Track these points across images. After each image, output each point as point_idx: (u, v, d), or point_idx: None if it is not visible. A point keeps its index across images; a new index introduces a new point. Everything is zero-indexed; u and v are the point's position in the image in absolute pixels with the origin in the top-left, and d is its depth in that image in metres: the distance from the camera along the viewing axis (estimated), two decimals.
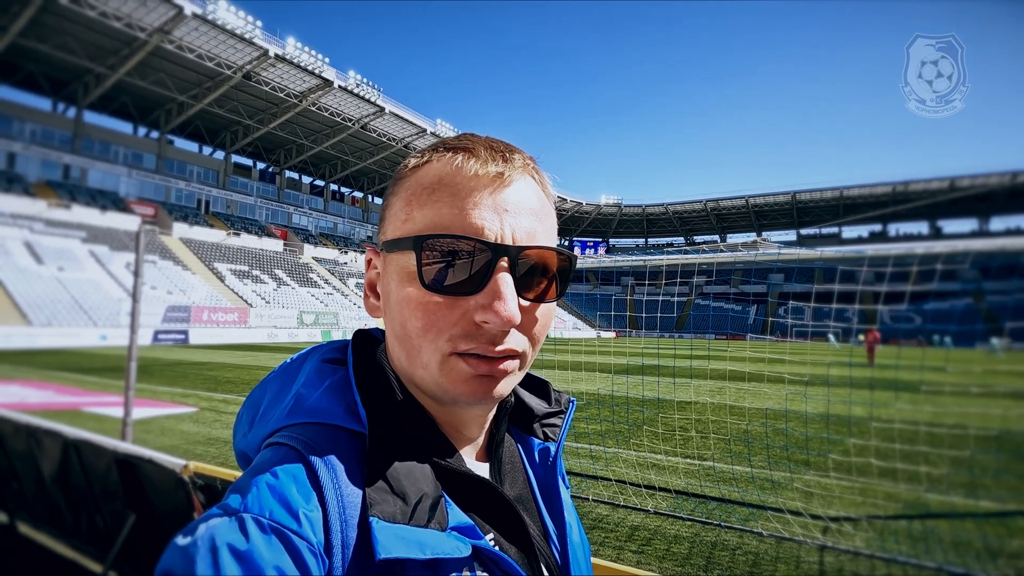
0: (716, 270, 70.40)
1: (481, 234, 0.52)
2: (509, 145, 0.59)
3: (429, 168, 0.56)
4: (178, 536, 0.43)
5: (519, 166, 0.57)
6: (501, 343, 0.53)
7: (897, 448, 5.39)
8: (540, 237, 0.56)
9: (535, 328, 0.57)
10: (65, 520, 3.09)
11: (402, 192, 0.58)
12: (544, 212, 0.58)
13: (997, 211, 60.65)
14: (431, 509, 0.50)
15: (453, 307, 0.52)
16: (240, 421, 0.64)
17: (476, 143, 0.57)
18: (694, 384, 13.54)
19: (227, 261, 41.79)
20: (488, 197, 0.54)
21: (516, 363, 0.56)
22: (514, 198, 0.55)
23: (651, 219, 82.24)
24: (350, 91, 42.32)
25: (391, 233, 0.57)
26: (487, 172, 0.54)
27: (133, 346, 5.10)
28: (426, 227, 0.53)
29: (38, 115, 38.91)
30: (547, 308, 0.58)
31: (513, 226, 0.54)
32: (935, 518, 4.88)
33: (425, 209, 0.54)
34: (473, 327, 0.52)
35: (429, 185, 0.55)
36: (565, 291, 0.58)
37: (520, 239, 0.54)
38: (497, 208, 0.54)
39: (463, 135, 0.59)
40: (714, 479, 5.78)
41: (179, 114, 43.45)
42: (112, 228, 36.81)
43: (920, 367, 5.44)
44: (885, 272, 5.28)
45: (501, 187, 0.54)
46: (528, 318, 0.56)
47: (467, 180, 0.54)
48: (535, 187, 0.58)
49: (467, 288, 0.52)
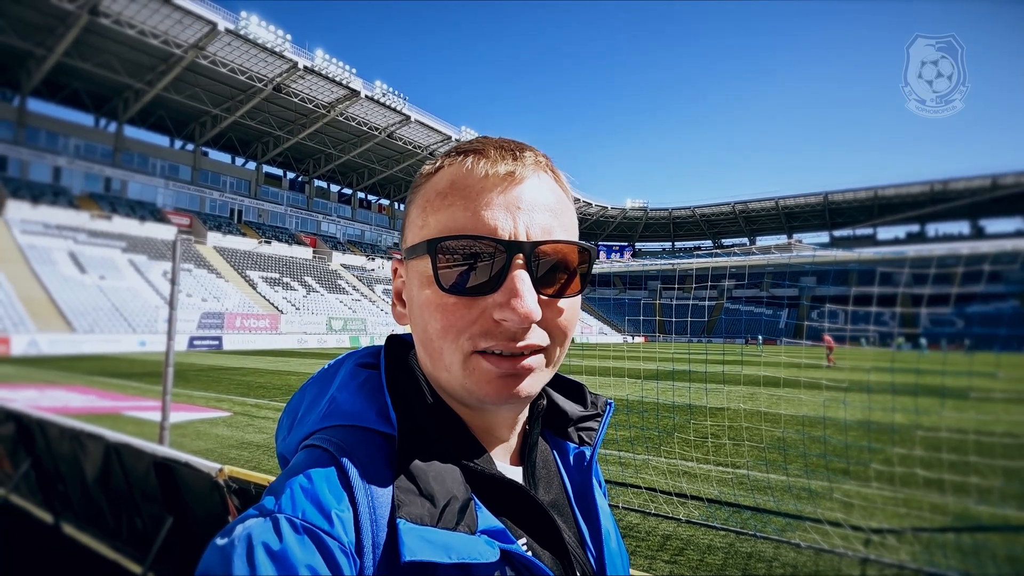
0: (747, 273, 68.98)
1: (495, 233, 0.52)
2: (520, 143, 0.59)
3: (442, 174, 0.57)
4: (217, 537, 0.45)
5: (530, 163, 0.57)
6: (522, 339, 0.53)
7: (944, 457, 5.16)
8: (557, 232, 0.55)
9: (558, 323, 0.56)
10: (107, 521, 3.17)
11: (418, 200, 0.58)
12: (560, 208, 0.57)
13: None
14: (460, 512, 0.50)
15: (471, 307, 0.53)
16: (281, 425, 0.66)
17: (486, 144, 0.57)
18: (726, 390, 13.26)
19: (259, 269, 42.83)
20: (500, 196, 0.54)
21: (540, 359, 0.55)
22: (527, 195, 0.55)
23: (677, 222, 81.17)
24: (376, 100, 43.05)
25: (410, 240, 0.58)
26: (497, 172, 0.54)
27: (170, 352, 5.24)
28: (441, 231, 0.54)
29: (81, 130, 40.64)
30: (570, 303, 0.57)
31: (527, 223, 0.53)
32: (987, 531, 4.64)
33: (439, 214, 0.55)
34: (492, 325, 0.53)
35: (442, 190, 0.56)
36: (586, 285, 0.58)
37: (535, 235, 0.53)
38: (509, 206, 0.54)
39: (475, 138, 0.60)
40: (748, 488, 5.63)
41: (213, 126, 44.86)
42: (150, 238, 38.15)
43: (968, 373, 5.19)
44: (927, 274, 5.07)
45: (513, 185, 0.54)
46: (550, 313, 0.55)
47: (478, 181, 0.54)
48: (549, 183, 0.58)
49: (485, 288, 0.52)
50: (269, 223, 53.00)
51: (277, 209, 54.04)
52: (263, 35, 34.79)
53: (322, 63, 38.69)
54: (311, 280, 45.49)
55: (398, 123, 46.85)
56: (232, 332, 31.58)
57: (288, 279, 43.53)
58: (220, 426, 8.40)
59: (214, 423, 8.64)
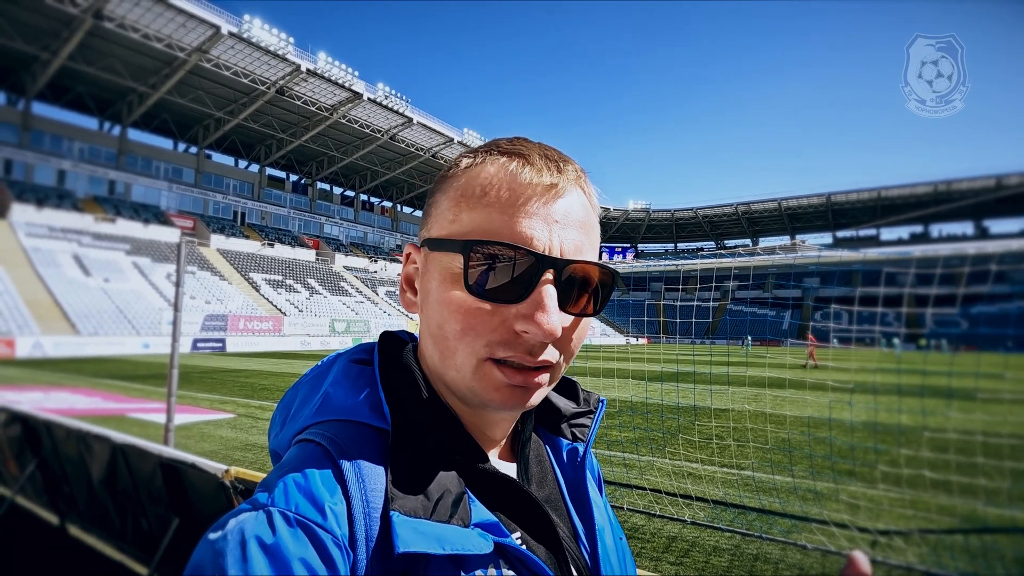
0: (751, 275, 68.80)
1: (530, 244, 0.52)
2: (563, 155, 0.59)
3: (482, 170, 0.56)
4: (210, 531, 0.45)
5: (572, 178, 0.56)
6: (539, 354, 0.53)
7: (951, 459, 5.13)
8: (586, 251, 0.56)
9: (571, 342, 0.56)
10: (112, 523, 3.17)
11: (451, 192, 0.57)
12: (590, 226, 0.57)
13: None
14: (454, 505, 0.50)
15: (494, 314, 0.52)
16: (274, 422, 0.66)
17: (531, 150, 0.56)
18: (730, 391, 13.21)
19: (262, 271, 42.91)
20: (541, 207, 0.53)
21: (548, 375, 0.55)
22: (564, 210, 0.54)
23: (680, 224, 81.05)
24: (379, 103, 43.15)
25: (436, 231, 0.57)
26: (541, 182, 0.54)
27: (174, 354, 5.25)
28: (474, 230, 0.53)
29: (86, 134, 40.83)
30: (585, 322, 0.58)
31: (562, 238, 0.53)
32: (995, 533, 4.61)
33: (475, 212, 0.54)
34: (512, 335, 0.52)
35: (482, 188, 0.54)
36: (603, 307, 0.57)
37: (568, 252, 0.53)
38: (548, 219, 0.53)
39: (517, 139, 0.59)
40: (753, 489, 5.60)
41: (216, 129, 45.01)
42: (154, 240, 38.25)
43: (975, 374, 5.16)
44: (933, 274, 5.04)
45: (554, 198, 0.54)
46: (566, 331, 0.55)
47: (521, 188, 0.53)
48: (584, 200, 0.58)
49: (510, 296, 0.52)
50: (272, 225, 53.11)
51: (280, 211, 54.16)
52: (266, 38, 34.91)
53: (325, 66, 38.81)
54: (314, 282, 45.55)
55: (400, 125, 46.93)
56: (235, 334, 31.62)
57: (291, 281, 43.60)
58: (224, 428, 8.41)
59: (218, 425, 8.65)
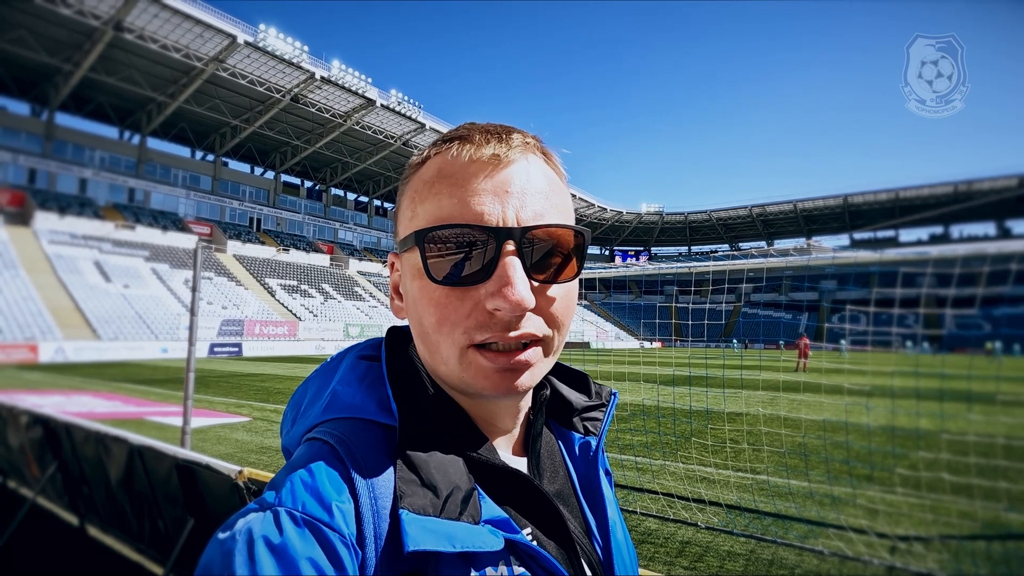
0: (765, 277, 68.06)
1: (482, 220, 0.51)
2: (507, 126, 0.57)
3: (429, 163, 0.56)
4: (218, 531, 0.45)
5: (518, 145, 0.55)
6: (517, 328, 0.52)
7: (972, 462, 5.02)
8: (549, 216, 0.54)
9: (554, 310, 0.55)
10: (130, 524, 3.22)
11: (407, 191, 0.58)
12: (552, 190, 0.55)
13: None
14: (463, 502, 0.49)
15: (464, 298, 0.52)
16: (285, 419, 0.66)
17: (472, 129, 0.56)
18: (744, 395, 13.06)
19: (277, 276, 43.40)
20: (486, 181, 0.52)
21: (538, 351, 0.54)
22: (516, 179, 0.53)
23: (694, 226, 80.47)
24: (392, 109, 43.48)
25: (401, 233, 0.58)
26: (482, 156, 0.53)
27: (191, 358, 5.33)
28: (429, 221, 0.53)
29: (106, 143, 41.69)
30: (566, 288, 0.56)
31: (517, 208, 0.52)
32: (1018, 539, 4.50)
33: (427, 203, 0.54)
34: (486, 316, 0.51)
35: (429, 179, 0.54)
36: (581, 269, 0.56)
37: (525, 220, 0.52)
38: (497, 191, 0.52)
39: (461, 124, 0.58)
40: (768, 494, 5.53)
41: (232, 137, 45.72)
42: (172, 247, 38.94)
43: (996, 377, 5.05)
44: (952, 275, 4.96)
45: (499, 169, 0.53)
46: (544, 300, 0.54)
47: (463, 167, 0.53)
48: (540, 165, 0.56)
49: (476, 277, 0.51)
50: (287, 231, 53.71)
51: (295, 217, 54.77)
52: (281, 47, 35.39)
53: (338, 73, 39.21)
54: (328, 287, 45.96)
55: (413, 131, 47.24)
56: (251, 339, 32.00)
57: (306, 286, 44.04)
58: (240, 431, 8.51)
59: (234, 428, 8.75)
